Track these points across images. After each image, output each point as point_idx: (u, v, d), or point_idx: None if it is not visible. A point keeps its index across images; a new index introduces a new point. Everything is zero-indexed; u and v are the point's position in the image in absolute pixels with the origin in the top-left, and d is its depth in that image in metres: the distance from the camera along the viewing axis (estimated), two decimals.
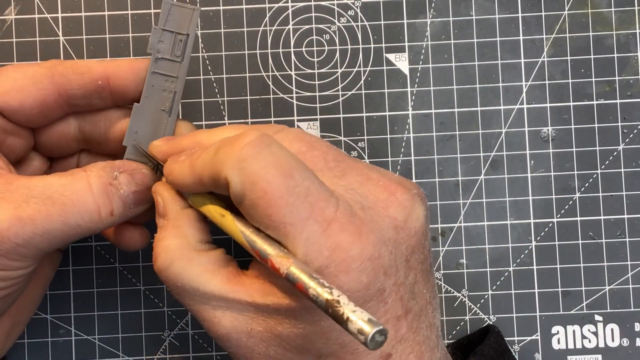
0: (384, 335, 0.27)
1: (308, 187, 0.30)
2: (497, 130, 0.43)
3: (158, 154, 0.36)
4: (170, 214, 0.34)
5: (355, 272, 0.30)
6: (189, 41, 0.37)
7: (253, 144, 0.31)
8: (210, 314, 0.33)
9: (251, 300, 0.32)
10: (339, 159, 0.34)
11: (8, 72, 0.36)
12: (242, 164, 0.30)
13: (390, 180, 0.33)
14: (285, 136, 0.34)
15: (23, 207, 0.32)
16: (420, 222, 0.33)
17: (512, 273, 0.43)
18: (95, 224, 0.34)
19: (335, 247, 0.30)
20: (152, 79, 0.37)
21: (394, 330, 0.32)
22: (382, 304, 0.31)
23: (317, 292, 0.28)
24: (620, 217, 0.43)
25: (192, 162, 0.33)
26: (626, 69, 0.43)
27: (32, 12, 0.42)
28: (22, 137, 0.37)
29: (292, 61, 0.43)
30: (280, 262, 0.30)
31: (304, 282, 0.29)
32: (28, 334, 0.42)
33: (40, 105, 0.36)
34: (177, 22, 0.37)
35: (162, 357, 0.42)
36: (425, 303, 0.33)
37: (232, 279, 0.33)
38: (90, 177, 0.34)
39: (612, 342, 0.43)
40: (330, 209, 0.30)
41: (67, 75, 0.36)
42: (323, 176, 0.32)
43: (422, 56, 0.43)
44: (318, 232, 0.30)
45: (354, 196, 0.32)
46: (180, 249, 0.33)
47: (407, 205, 0.33)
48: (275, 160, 0.30)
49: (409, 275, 0.33)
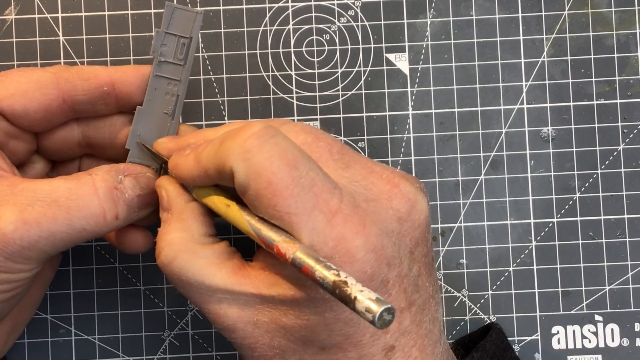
0: (391, 314, 0.27)
1: (313, 178, 0.30)
2: (497, 130, 0.43)
3: (163, 150, 0.36)
4: (175, 208, 0.34)
5: (359, 263, 0.30)
6: (192, 44, 0.37)
7: (258, 134, 0.31)
8: (215, 307, 0.33)
9: (257, 292, 0.32)
10: (343, 151, 0.34)
11: (13, 76, 0.36)
12: (247, 154, 0.30)
13: (394, 173, 0.34)
14: (291, 128, 0.34)
15: (29, 210, 0.32)
16: (424, 214, 0.33)
17: (512, 273, 0.43)
18: (100, 227, 0.34)
19: (339, 238, 0.30)
20: (155, 82, 0.37)
21: (397, 322, 0.32)
22: (386, 296, 0.31)
23: (324, 275, 0.28)
24: (620, 217, 0.43)
25: (197, 154, 0.33)
26: (626, 69, 0.43)
27: (32, 12, 0.42)
28: (25, 140, 0.37)
29: (292, 61, 0.43)
30: (286, 248, 0.30)
31: (310, 265, 0.29)
32: (28, 334, 0.42)
33: (44, 110, 0.36)
34: (180, 25, 0.37)
35: (162, 357, 0.42)
36: (428, 296, 0.34)
37: (238, 271, 0.33)
38: (96, 181, 0.34)
39: (612, 342, 0.43)
40: (335, 200, 0.31)
41: (72, 81, 0.36)
42: (327, 167, 0.33)
43: (422, 56, 0.43)
44: (323, 222, 0.30)
45: (358, 188, 0.33)
46: (184, 243, 0.33)
47: (410, 198, 0.33)
48: (280, 151, 0.30)
49: (413, 268, 0.33)
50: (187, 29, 0.37)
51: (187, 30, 0.37)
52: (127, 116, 0.38)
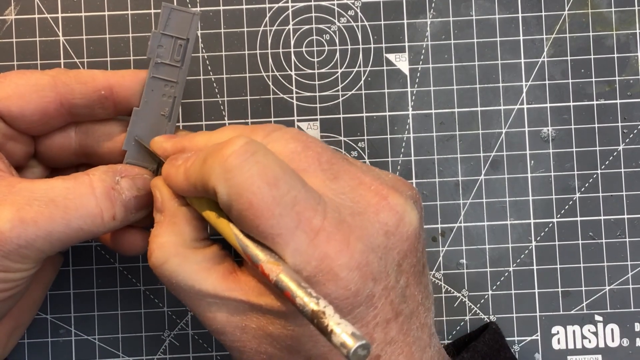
0: (366, 350, 0.27)
1: (295, 195, 0.30)
2: (497, 130, 0.43)
3: (159, 150, 0.36)
4: (167, 211, 0.34)
5: (343, 281, 0.30)
6: (189, 46, 0.37)
7: (237, 153, 0.30)
8: (205, 310, 0.33)
9: (246, 299, 0.32)
10: (332, 160, 0.33)
11: (11, 78, 0.36)
12: (228, 174, 0.30)
13: (383, 184, 0.33)
14: (281, 136, 0.33)
15: (26, 209, 0.32)
16: (413, 226, 0.33)
17: (512, 273, 0.43)
18: (97, 227, 0.34)
19: (322, 257, 0.30)
20: (152, 83, 0.37)
21: (383, 333, 0.32)
22: (372, 309, 0.31)
23: (304, 302, 0.29)
24: (620, 217, 0.43)
25: (186, 169, 0.33)
26: (626, 69, 0.43)
27: (32, 12, 0.42)
28: (22, 143, 0.37)
29: (292, 61, 0.43)
30: (270, 269, 0.30)
31: (291, 290, 0.29)
32: (28, 334, 0.42)
33: (41, 112, 0.36)
34: (177, 26, 0.37)
35: (162, 357, 0.42)
36: (416, 304, 0.34)
37: (228, 276, 0.33)
38: (93, 180, 0.34)
39: (612, 342, 0.43)
40: (318, 218, 0.30)
41: (70, 84, 0.36)
42: (315, 178, 0.32)
43: (422, 56, 0.43)
44: (305, 242, 0.30)
45: (345, 201, 0.32)
46: (175, 246, 0.33)
47: (398, 211, 0.32)
48: (261, 169, 0.30)
49: (400, 279, 0.33)
50: (184, 30, 0.37)
51: (184, 31, 0.37)
52: (124, 122, 0.38)
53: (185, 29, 0.37)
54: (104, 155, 0.38)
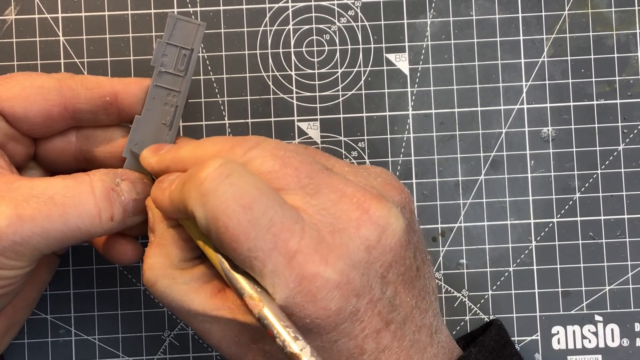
0: None
1: (271, 217, 0.30)
2: (497, 130, 0.43)
3: (147, 165, 0.36)
4: (157, 232, 0.35)
5: (322, 301, 0.30)
6: (193, 56, 0.37)
7: (212, 177, 0.30)
8: (199, 326, 0.34)
9: (233, 318, 0.33)
10: (312, 174, 0.33)
11: (17, 79, 0.36)
12: (204, 199, 0.30)
13: (366, 194, 0.32)
14: (259, 153, 0.33)
15: (23, 206, 0.32)
16: (397, 236, 0.32)
17: (512, 273, 0.43)
18: (94, 227, 0.34)
19: (300, 279, 0.30)
20: (154, 92, 0.37)
21: (374, 343, 0.32)
22: (358, 323, 0.31)
23: (284, 344, 0.29)
24: (620, 217, 0.43)
25: (170, 193, 0.33)
26: (626, 69, 0.43)
27: (32, 12, 0.42)
28: (24, 144, 0.37)
29: (292, 61, 0.43)
30: (252, 305, 0.30)
31: (271, 329, 0.29)
32: (28, 334, 0.42)
33: (45, 115, 0.36)
34: (182, 36, 0.37)
35: (162, 357, 0.42)
36: (410, 309, 0.33)
37: (216, 294, 0.34)
38: (93, 180, 0.34)
39: (612, 342, 0.43)
40: (295, 239, 0.30)
41: (76, 89, 0.36)
42: (295, 195, 0.32)
43: (422, 56, 0.43)
44: (282, 264, 0.30)
45: (325, 217, 0.32)
46: (163, 268, 0.34)
47: (380, 224, 0.32)
48: (235, 192, 0.30)
49: (387, 291, 0.32)
50: (189, 40, 0.37)
51: (189, 41, 0.37)
52: (126, 129, 0.38)
53: (190, 39, 0.37)
54: (104, 161, 0.38)
